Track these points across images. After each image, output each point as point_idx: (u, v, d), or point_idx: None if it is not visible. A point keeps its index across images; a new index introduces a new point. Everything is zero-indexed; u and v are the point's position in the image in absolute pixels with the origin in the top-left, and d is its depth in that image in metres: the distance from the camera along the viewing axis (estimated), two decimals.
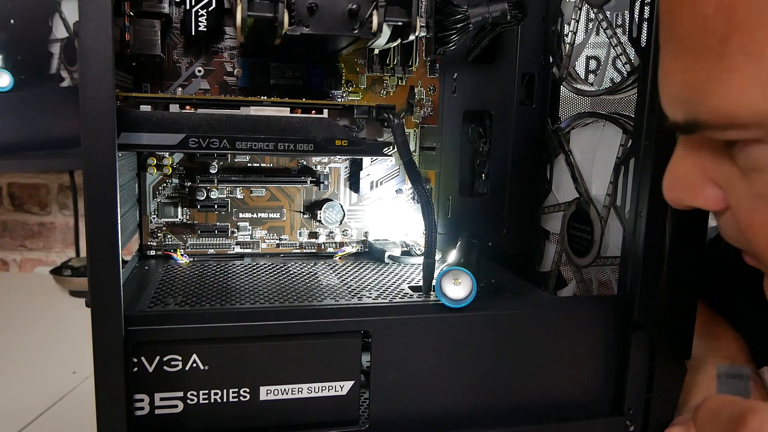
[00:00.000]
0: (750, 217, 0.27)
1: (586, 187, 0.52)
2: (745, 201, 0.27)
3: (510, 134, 0.57)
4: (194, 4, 0.49)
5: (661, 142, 0.40)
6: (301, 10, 0.39)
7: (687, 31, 0.24)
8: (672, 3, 0.25)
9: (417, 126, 0.57)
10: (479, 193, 0.60)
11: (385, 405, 0.41)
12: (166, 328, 0.37)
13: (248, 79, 0.54)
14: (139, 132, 0.41)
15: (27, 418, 0.52)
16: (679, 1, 0.25)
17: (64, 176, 1.06)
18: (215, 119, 0.43)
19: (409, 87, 0.57)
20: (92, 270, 0.34)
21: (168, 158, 0.54)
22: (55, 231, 1.09)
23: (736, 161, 0.26)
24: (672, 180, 0.29)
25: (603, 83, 0.54)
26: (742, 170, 0.26)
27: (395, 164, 0.57)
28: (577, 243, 0.52)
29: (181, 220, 0.56)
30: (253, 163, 0.56)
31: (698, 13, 0.24)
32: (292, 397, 0.39)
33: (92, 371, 0.34)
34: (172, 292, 0.44)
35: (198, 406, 0.38)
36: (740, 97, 0.23)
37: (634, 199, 0.42)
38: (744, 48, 0.22)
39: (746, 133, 0.24)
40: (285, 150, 0.43)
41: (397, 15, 0.41)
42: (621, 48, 0.46)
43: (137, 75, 0.52)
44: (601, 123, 0.52)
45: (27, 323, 0.77)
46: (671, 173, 0.29)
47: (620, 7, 0.50)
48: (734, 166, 0.26)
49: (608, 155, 0.50)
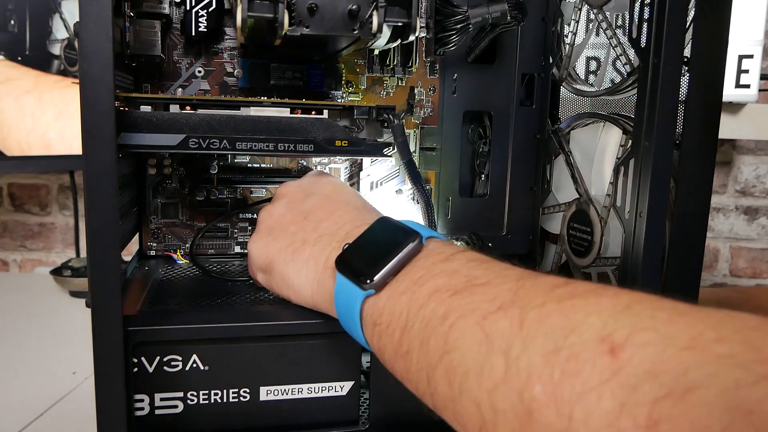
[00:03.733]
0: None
1: (586, 188, 0.52)
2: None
3: (510, 134, 0.57)
4: (194, 5, 0.49)
5: (661, 142, 0.40)
6: (301, 10, 0.39)
7: None
8: None
9: (417, 126, 0.57)
10: (479, 194, 0.60)
11: (385, 405, 0.41)
12: (166, 328, 0.37)
13: (248, 79, 0.54)
14: (139, 132, 0.41)
15: (27, 418, 0.52)
16: None
17: (64, 176, 1.06)
18: (215, 120, 0.43)
19: (409, 88, 0.57)
20: (92, 270, 0.34)
21: (168, 158, 0.54)
22: (55, 231, 1.09)
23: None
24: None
25: (603, 84, 0.54)
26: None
27: (395, 165, 0.57)
28: (577, 243, 0.52)
29: (181, 220, 0.56)
30: (253, 163, 0.56)
31: None
32: (292, 397, 0.39)
33: (92, 371, 0.34)
34: (172, 292, 0.44)
35: (198, 406, 0.38)
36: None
37: (634, 200, 0.42)
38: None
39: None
40: (285, 151, 0.43)
41: (397, 15, 0.41)
42: (621, 48, 0.46)
43: (137, 75, 0.52)
44: (601, 123, 0.52)
45: (27, 323, 0.77)
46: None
47: (620, 7, 0.50)
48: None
49: (608, 155, 0.50)
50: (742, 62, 0.84)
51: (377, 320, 0.31)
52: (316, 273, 0.36)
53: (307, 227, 0.39)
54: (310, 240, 0.38)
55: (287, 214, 0.41)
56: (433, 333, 0.27)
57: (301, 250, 0.38)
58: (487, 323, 0.25)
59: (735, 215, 1.14)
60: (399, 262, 0.31)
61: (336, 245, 0.36)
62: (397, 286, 0.31)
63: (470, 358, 0.25)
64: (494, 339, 0.24)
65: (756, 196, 1.13)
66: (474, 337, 0.25)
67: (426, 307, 0.28)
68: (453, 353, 0.26)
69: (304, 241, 0.38)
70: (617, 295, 0.23)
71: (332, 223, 0.38)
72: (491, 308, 0.25)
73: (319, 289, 0.36)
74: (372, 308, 0.32)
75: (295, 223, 0.40)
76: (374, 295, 0.31)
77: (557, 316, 0.23)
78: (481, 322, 0.25)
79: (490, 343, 0.24)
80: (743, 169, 1.13)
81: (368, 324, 0.32)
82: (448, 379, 0.26)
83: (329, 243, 0.37)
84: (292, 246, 0.38)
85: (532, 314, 0.24)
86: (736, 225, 1.14)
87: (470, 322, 0.26)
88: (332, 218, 0.39)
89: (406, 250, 0.31)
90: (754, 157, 1.12)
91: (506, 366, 0.23)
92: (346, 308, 0.33)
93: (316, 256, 0.37)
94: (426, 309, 0.28)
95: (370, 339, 0.32)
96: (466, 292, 0.27)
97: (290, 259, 0.38)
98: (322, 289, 0.36)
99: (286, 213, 0.41)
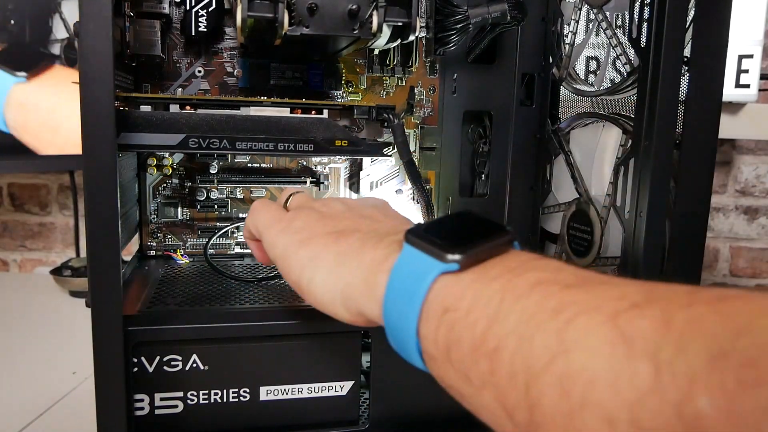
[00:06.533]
0: None
1: (586, 188, 0.52)
2: None
3: (510, 134, 0.57)
4: (194, 5, 0.49)
5: (661, 142, 0.40)
6: (301, 10, 0.39)
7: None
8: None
9: (417, 126, 0.57)
10: (479, 194, 0.60)
11: (385, 405, 0.41)
12: (166, 328, 0.37)
13: (248, 79, 0.54)
14: (139, 132, 0.41)
15: (27, 418, 0.52)
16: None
17: (64, 176, 1.06)
18: (215, 119, 0.43)
19: (409, 87, 0.57)
20: (92, 270, 0.34)
21: (168, 158, 0.54)
22: (55, 231, 1.09)
23: None
24: None
25: (603, 83, 0.54)
26: None
27: (395, 164, 0.57)
28: (577, 243, 0.52)
29: (181, 220, 0.56)
30: (253, 163, 0.56)
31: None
32: (292, 397, 0.39)
33: (92, 371, 0.34)
34: (172, 292, 0.44)
35: (198, 406, 0.38)
36: None
37: (634, 199, 0.42)
38: None
39: None
40: (285, 150, 0.43)
41: (396, 15, 0.41)
42: (621, 48, 0.46)
43: (137, 75, 0.52)
44: (601, 123, 0.52)
45: (27, 323, 0.77)
46: None
47: (620, 7, 0.50)
48: None
49: (608, 155, 0.50)
50: (742, 62, 0.84)
51: (452, 305, 0.24)
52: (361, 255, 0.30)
53: (362, 223, 0.33)
54: (363, 230, 0.32)
55: (344, 211, 0.35)
56: (539, 329, 0.21)
57: (349, 236, 0.31)
58: (621, 321, 0.20)
59: (735, 215, 1.14)
60: (492, 247, 0.26)
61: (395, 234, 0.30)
62: (487, 271, 0.25)
63: (599, 363, 0.19)
64: (634, 340, 0.19)
65: (756, 196, 1.13)
66: (604, 337, 0.20)
67: (528, 297, 0.22)
68: (572, 354, 0.20)
69: (356, 230, 0.32)
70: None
71: (390, 223, 0.33)
72: (623, 306, 0.20)
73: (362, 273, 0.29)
74: (447, 290, 0.25)
75: (349, 219, 0.34)
76: (454, 274, 0.25)
77: (715, 317, 0.18)
78: (612, 320, 0.20)
79: (628, 345, 0.19)
80: (743, 169, 1.13)
81: (435, 310, 0.25)
82: (563, 388, 0.20)
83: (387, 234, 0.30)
84: (340, 233, 0.32)
85: (681, 315, 0.19)
86: (736, 225, 1.14)
87: (597, 319, 0.20)
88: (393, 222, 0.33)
89: (501, 240, 0.26)
90: (754, 157, 1.12)
91: (656, 373, 0.18)
92: (406, 288, 0.26)
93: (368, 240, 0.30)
94: (528, 299, 0.22)
95: (432, 331, 0.25)
96: (581, 287, 0.22)
97: (333, 242, 0.31)
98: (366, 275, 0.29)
99: (342, 210, 0.35)
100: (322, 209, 0.35)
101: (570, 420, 0.20)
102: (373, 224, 0.33)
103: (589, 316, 0.20)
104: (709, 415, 0.16)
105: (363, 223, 0.33)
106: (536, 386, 0.21)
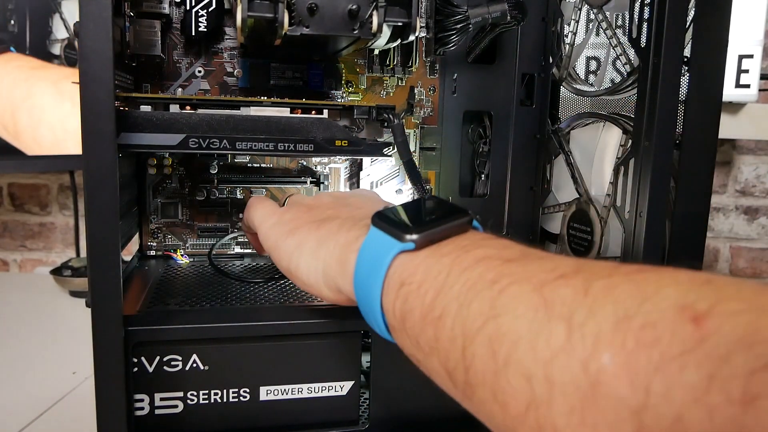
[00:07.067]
0: None
1: (586, 188, 0.52)
2: None
3: (510, 134, 0.57)
4: (194, 5, 0.49)
5: (661, 142, 0.40)
6: (301, 10, 0.39)
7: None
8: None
9: (417, 126, 0.57)
10: (479, 194, 0.60)
11: (385, 405, 0.41)
12: (166, 328, 0.37)
13: (248, 79, 0.54)
14: (139, 132, 0.41)
15: (27, 418, 0.52)
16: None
17: (64, 176, 1.06)
18: (215, 119, 0.43)
19: (409, 87, 0.57)
20: (92, 270, 0.34)
21: (168, 158, 0.54)
22: (55, 231, 1.09)
23: None
24: None
25: (603, 83, 0.54)
26: None
27: (395, 164, 0.57)
28: (577, 243, 0.52)
29: (181, 220, 0.56)
30: (253, 163, 0.56)
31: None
32: (292, 397, 0.39)
33: (92, 371, 0.34)
34: (172, 292, 0.44)
35: (198, 406, 0.38)
36: None
37: (634, 200, 0.42)
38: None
39: None
40: (285, 150, 0.43)
41: (397, 15, 0.41)
42: (621, 48, 0.46)
43: (137, 75, 0.52)
44: (601, 123, 0.52)
45: (27, 323, 0.77)
46: None
47: (620, 7, 0.50)
48: None
49: (608, 155, 0.51)
50: (742, 62, 0.84)
51: (407, 279, 0.27)
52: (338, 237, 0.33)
53: (343, 211, 0.36)
54: (343, 216, 0.35)
55: (330, 202, 0.38)
56: (477, 296, 0.23)
57: (330, 222, 0.35)
58: (546, 290, 0.22)
59: (735, 215, 1.14)
60: (447, 229, 0.28)
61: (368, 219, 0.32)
62: (440, 248, 0.27)
63: (523, 325, 0.21)
64: (554, 305, 0.21)
65: (756, 196, 1.13)
66: (529, 303, 0.22)
67: (472, 270, 0.25)
68: (501, 319, 0.22)
69: (336, 216, 0.35)
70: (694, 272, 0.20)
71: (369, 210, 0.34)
72: (550, 276, 0.22)
73: (338, 252, 0.32)
74: (403, 266, 0.27)
75: (333, 208, 0.37)
76: (410, 252, 0.27)
77: (627, 286, 0.20)
78: (539, 289, 0.22)
79: (549, 310, 0.21)
80: (743, 169, 1.13)
81: (393, 284, 0.27)
82: (491, 349, 0.22)
83: (362, 219, 0.33)
84: (322, 220, 0.35)
85: (599, 283, 0.21)
86: (736, 225, 1.14)
87: (525, 288, 0.22)
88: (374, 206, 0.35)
89: (456, 222, 0.28)
90: (754, 157, 1.12)
91: (568, 333, 0.20)
92: (370, 265, 0.29)
93: (345, 224, 0.33)
94: (472, 272, 0.24)
95: (391, 304, 0.28)
96: (520, 261, 0.24)
97: (315, 228, 0.35)
98: (340, 253, 0.32)
99: (329, 201, 0.39)
100: (311, 202, 0.39)
101: (496, 378, 0.22)
102: (354, 211, 0.36)
103: (520, 285, 0.23)
104: (610, 370, 0.18)
105: (344, 211, 0.36)
106: (470, 348, 0.23)
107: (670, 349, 0.17)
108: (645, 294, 0.20)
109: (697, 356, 0.17)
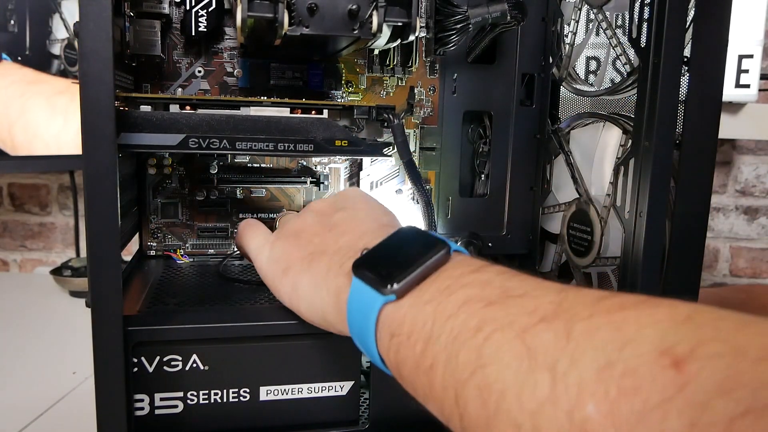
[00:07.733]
0: None
1: (586, 188, 0.52)
2: None
3: (510, 134, 0.57)
4: (194, 5, 0.49)
5: (661, 142, 0.40)
6: (301, 10, 0.39)
7: None
8: None
9: (417, 126, 0.57)
10: (479, 194, 0.60)
11: (385, 405, 0.41)
12: (166, 328, 0.37)
13: (248, 79, 0.54)
14: (139, 132, 0.41)
15: (27, 418, 0.52)
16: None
17: (64, 176, 1.06)
18: (215, 119, 0.43)
19: (409, 87, 0.57)
20: (92, 270, 0.34)
21: (168, 158, 0.54)
22: (55, 231, 1.09)
23: None
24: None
25: (603, 83, 0.54)
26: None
27: (395, 164, 0.57)
28: (577, 243, 0.52)
29: (181, 220, 0.56)
30: (253, 163, 0.56)
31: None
32: (292, 397, 0.39)
33: (92, 371, 0.34)
34: (172, 292, 0.44)
35: (198, 406, 0.38)
36: None
37: (634, 200, 0.42)
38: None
39: None
40: (285, 150, 0.43)
41: (396, 15, 0.41)
42: (621, 48, 0.46)
43: (137, 75, 0.52)
44: (601, 123, 0.52)
45: (27, 323, 0.77)
46: None
47: (620, 7, 0.50)
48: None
49: (608, 155, 0.51)
50: (742, 62, 0.84)
51: (396, 330, 0.28)
52: (328, 283, 0.34)
53: (329, 239, 0.37)
54: (330, 251, 0.36)
55: (315, 225, 0.39)
56: (463, 346, 0.24)
57: (318, 260, 0.36)
58: (528, 336, 0.22)
59: (735, 215, 1.14)
60: (425, 269, 0.29)
61: (353, 255, 0.33)
62: (422, 295, 0.28)
63: (509, 375, 0.22)
64: (537, 354, 0.22)
65: (756, 196, 1.13)
66: (513, 352, 0.22)
67: (455, 318, 0.25)
68: (488, 368, 0.23)
69: (323, 252, 0.36)
70: (674, 305, 0.21)
71: (353, 236, 0.36)
72: (532, 321, 0.23)
73: (332, 300, 0.33)
74: (390, 317, 0.28)
75: (319, 235, 0.38)
76: (394, 303, 0.28)
77: (608, 329, 0.21)
78: (521, 335, 0.22)
79: (532, 358, 0.22)
80: (743, 169, 1.13)
81: (384, 336, 0.29)
82: (482, 398, 0.23)
83: (346, 254, 0.34)
84: (311, 255, 0.36)
85: (579, 327, 0.21)
86: (736, 225, 1.14)
87: (508, 336, 0.23)
88: (355, 231, 0.37)
89: (434, 259, 0.29)
90: (754, 157, 1.12)
91: (552, 383, 0.20)
92: (360, 317, 0.30)
93: (333, 266, 0.34)
94: (455, 320, 0.25)
95: (386, 353, 0.29)
96: (501, 303, 0.25)
97: (306, 268, 0.36)
98: (334, 301, 0.33)
99: (314, 223, 0.39)
100: (298, 227, 0.40)
101: (488, 426, 0.23)
102: (339, 238, 0.36)
103: (503, 332, 0.23)
104: (595, 419, 0.19)
105: (330, 239, 0.37)
106: (462, 396, 0.24)
107: (652, 397, 0.18)
108: (625, 337, 0.20)
109: (677, 404, 0.17)
